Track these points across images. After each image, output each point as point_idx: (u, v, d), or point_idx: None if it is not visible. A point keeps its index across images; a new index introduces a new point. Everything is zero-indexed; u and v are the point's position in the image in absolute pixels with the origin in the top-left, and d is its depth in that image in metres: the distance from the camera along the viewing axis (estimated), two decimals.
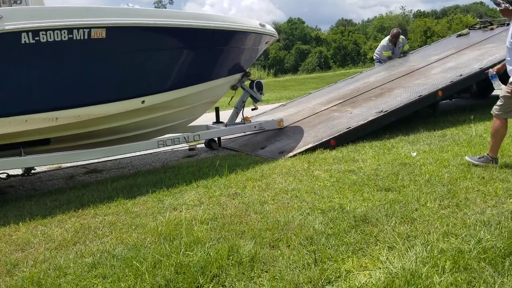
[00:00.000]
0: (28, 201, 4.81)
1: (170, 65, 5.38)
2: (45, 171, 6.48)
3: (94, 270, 3.00)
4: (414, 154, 5.22)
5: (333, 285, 2.59)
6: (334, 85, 9.55)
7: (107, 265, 3.03)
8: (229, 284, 2.68)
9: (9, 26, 4.13)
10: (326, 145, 5.88)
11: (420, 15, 51.64)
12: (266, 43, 6.85)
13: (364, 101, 7.24)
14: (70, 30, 4.38)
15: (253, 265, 2.87)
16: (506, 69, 4.51)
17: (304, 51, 50.15)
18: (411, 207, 3.60)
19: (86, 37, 4.48)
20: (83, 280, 2.86)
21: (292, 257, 2.93)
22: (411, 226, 3.26)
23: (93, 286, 2.79)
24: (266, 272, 2.80)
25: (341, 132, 6.05)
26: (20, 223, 4.08)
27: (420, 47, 12.87)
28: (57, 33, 4.32)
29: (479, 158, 4.57)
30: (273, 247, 3.13)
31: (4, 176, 5.29)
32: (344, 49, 50.27)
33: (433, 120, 7.33)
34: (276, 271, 2.78)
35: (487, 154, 4.57)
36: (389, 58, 10.24)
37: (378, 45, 11.03)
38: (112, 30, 4.63)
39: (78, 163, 6.70)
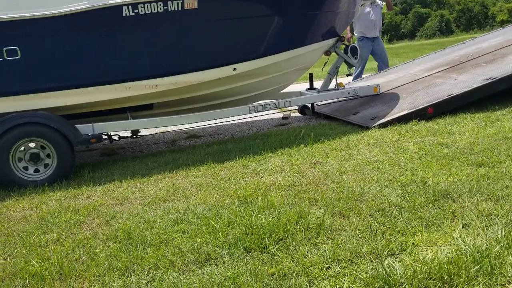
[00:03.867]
0: (132, 162, 5.34)
1: (261, 32, 5.48)
2: (152, 135, 7.09)
3: (176, 225, 3.29)
4: None
5: (396, 258, 2.55)
6: (442, 51, 8.87)
7: (188, 222, 3.31)
8: (293, 248, 2.77)
9: (112, 0, 4.54)
10: (423, 113, 5.56)
11: None
12: (361, 5, 6.60)
13: (472, 67, 6.66)
14: (165, 2, 4.69)
15: (319, 232, 2.92)
16: None
17: (423, 15, 46.79)
18: (501, 184, 3.32)
19: (179, 8, 4.76)
20: (165, 233, 3.16)
21: (360, 227, 2.93)
22: (495, 204, 3.04)
23: (173, 239, 3.07)
24: (331, 239, 2.84)
25: (441, 100, 5.64)
26: (123, 180, 4.57)
27: None
28: (153, 5, 4.66)
29: None
30: (343, 216, 3.14)
31: (116, 137, 5.92)
32: (469, 12, 45.88)
33: None
34: (341, 239, 2.81)
35: None
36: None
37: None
38: (203, 0, 4.84)
39: (181, 129, 7.22)
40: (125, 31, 4.74)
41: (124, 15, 4.62)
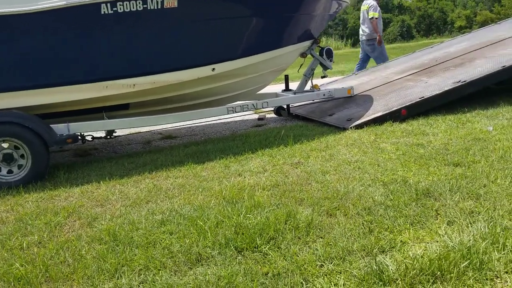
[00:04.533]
0: (108, 162, 5.23)
1: (239, 32, 5.50)
2: (125, 135, 6.97)
3: (162, 226, 3.25)
4: (491, 128, 4.94)
5: (386, 255, 2.61)
6: (411, 55, 9.15)
7: (175, 223, 3.27)
8: (285, 247, 2.79)
9: None
10: (397, 115, 5.72)
11: None
12: (337, 8, 6.72)
13: (441, 71, 6.90)
14: (144, 0, 4.62)
15: (309, 230, 2.96)
16: None
17: (385, 20, 47.76)
18: (479, 183, 3.46)
19: (159, 6, 4.71)
20: (152, 235, 3.12)
21: (348, 225, 2.98)
22: (476, 202, 3.16)
23: (161, 240, 3.04)
24: (321, 238, 2.88)
25: (414, 102, 5.83)
26: (101, 181, 4.47)
27: None
28: (132, 3, 4.58)
29: None
30: (330, 215, 3.19)
31: (89, 138, 5.78)
32: (429, 18, 47.39)
33: None
34: (331, 237, 2.85)
35: None
36: (374, 27, 9.26)
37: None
38: None
39: (155, 129, 7.13)
40: (103, 29, 4.64)
41: (102, 12, 4.52)
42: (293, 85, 7.12)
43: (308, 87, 6.77)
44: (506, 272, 2.32)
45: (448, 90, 5.92)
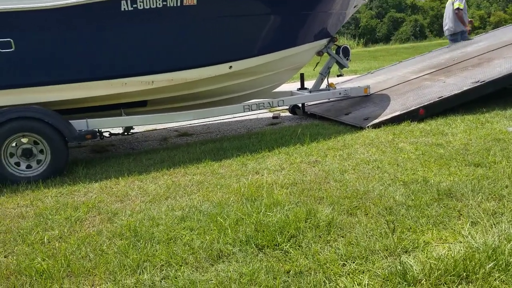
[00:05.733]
0: (126, 159, 5.26)
1: (257, 31, 5.49)
2: (141, 132, 7.00)
3: (183, 222, 3.26)
4: (510, 129, 4.88)
5: (410, 255, 2.59)
6: (427, 54, 9.07)
7: (194, 219, 3.28)
8: (306, 245, 2.79)
9: None
10: (415, 114, 5.68)
11: None
12: (354, 7, 6.68)
13: (459, 70, 6.83)
14: None
15: (329, 229, 2.95)
16: None
17: (398, 20, 47.59)
18: (501, 184, 3.42)
19: (178, 4, 4.72)
20: (173, 231, 3.13)
21: (370, 225, 2.97)
22: (498, 202, 3.13)
23: (181, 236, 3.05)
24: (343, 237, 2.86)
25: (432, 101, 5.78)
26: (120, 177, 4.50)
27: None
28: (152, 0, 4.59)
29: None
30: (350, 214, 3.18)
31: (107, 134, 5.82)
32: (442, 18, 46.98)
33: None
34: (353, 237, 2.84)
35: None
36: (459, 19, 9.26)
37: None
38: None
39: (170, 127, 7.16)
40: (122, 26, 4.67)
41: (122, 9, 4.54)
42: (309, 84, 7.10)
43: (324, 85, 6.74)
44: None
45: (467, 89, 5.86)
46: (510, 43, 7.49)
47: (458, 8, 9.35)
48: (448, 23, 9.74)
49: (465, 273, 2.32)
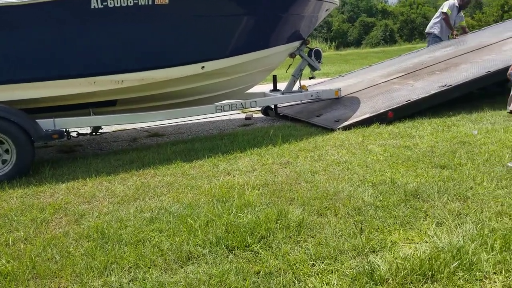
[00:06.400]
0: (94, 159, 5.16)
1: (230, 31, 5.48)
2: (110, 133, 6.88)
3: (152, 224, 3.22)
4: (475, 132, 5.03)
5: (377, 255, 2.63)
6: (396, 58, 9.26)
7: (164, 221, 3.24)
8: (276, 246, 2.79)
9: None
10: (384, 117, 5.78)
11: None
12: (326, 10, 6.75)
13: (427, 74, 6.99)
14: None
15: (300, 230, 2.97)
16: None
17: (368, 24, 48.37)
18: (466, 185, 3.52)
19: (150, 2, 4.66)
20: (141, 233, 3.09)
21: (339, 225, 3.00)
22: (463, 204, 3.21)
23: (150, 238, 3.01)
24: (312, 237, 2.89)
25: (401, 104, 5.91)
26: (87, 178, 4.40)
27: (496, 22, 12.13)
28: None
29: None
30: (320, 215, 3.20)
31: (75, 134, 5.69)
32: (412, 23, 47.97)
33: (501, 99, 6.95)
34: (322, 237, 2.86)
35: None
36: (446, 23, 9.60)
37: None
38: None
39: (140, 127, 7.06)
40: (92, 24, 4.57)
41: (92, 7, 4.45)
42: (281, 85, 7.13)
43: (296, 87, 6.79)
44: (495, 273, 2.36)
45: (434, 93, 6.01)
46: (476, 49, 7.72)
47: (443, 12, 9.63)
48: (431, 25, 10.02)
49: (430, 273, 2.37)
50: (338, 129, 5.65)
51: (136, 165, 4.76)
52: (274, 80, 7.09)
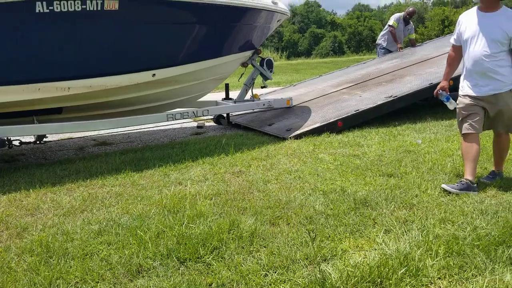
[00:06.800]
0: (38, 169, 4.93)
1: (181, 39, 5.44)
2: (55, 141, 6.61)
3: (100, 236, 3.11)
4: (419, 141, 5.25)
5: (328, 263, 2.67)
6: (345, 69, 9.54)
7: (112, 233, 3.14)
8: (228, 257, 2.77)
9: None
10: (333, 126, 5.93)
11: (439, 3, 50.63)
12: (278, 21, 6.86)
13: (374, 85, 7.25)
14: (83, 0, 4.43)
15: (252, 240, 2.96)
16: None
17: (318, 35, 49.61)
18: (412, 193, 3.66)
19: (99, 8, 4.53)
20: (89, 246, 2.98)
21: (291, 234, 3.02)
22: (409, 211, 3.33)
23: (98, 251, 2.90)
24: (265, 247, 2.89)
25: (349, 114, 6.09)
26: (31, 189, 4.20)
27: (437, 36, 12.75)
28: (70, 3, 4.38)
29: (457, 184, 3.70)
30: (273, 224, 3.22)
31: (17, 143, 5.42)
32: (359, 35, 49.59)
33: (442, 109, 7.28)
34: (275, 247, 2.87)
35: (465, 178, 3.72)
36: (392, 35, 10.03)
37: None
38: (125, 2, 4.67)
39: (88, 135, 6.84)
40: (37, 28, 4.38)
41: (37, 11, 4.27)
42: (233, 94, 7.14)
43: (248, 96, 6.82)
44: (439, 278, 2.46)
45: (381, 104, 6.23)
46: (420, 62, 8.09)
47: (389, 25, 10.02)
48: (380, 37, 10.41)
49: (379, 279, 2.43)
50: (290, 138, 5.73)
51: (83, 175, 4.60)
52: (227, 88, 7.10)
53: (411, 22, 10.38)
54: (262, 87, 7.12)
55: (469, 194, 3.57)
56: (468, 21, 3.79)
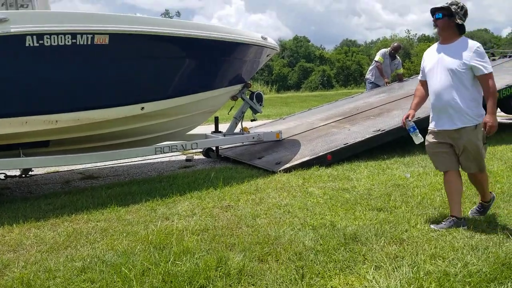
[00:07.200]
0: (23, 204, 4.83)
1: (171, 73, 5.46)
2: (41, 175, 6.52)
3: (83, 274, 3.02)
4: (408, 175, 5.26)
5: None
6: (334, 103, 9.64)
7: (96, 270, 3.05)
8: None
9: (15, 29, 4.22)
10: (323, 159, 5.93)
11: (424, 39, 51.98)
12: (267, 55, 6.94)
13: (362, 119, 7.31)
14: (73, 35, 4.46)
15: (240, 277, 2.89)
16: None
17: (307, 69, 50.44)
18: (401, 228, 3.62)
19: (89, 42, 4.56)
20: (71, 284, 2.88)
21: (280, 271, 2.95)
22: (399, 246, 3.29)
23: None
24: (253, 285, 2.82)
25: (338, 148, 6.11)
26: (14, 224, 4.10)
27: None
28: (61, 38, 4.40)
29: (444, 223, 3.67)
30: (262, 260, 3.15)
31: (2, 176, 5.32)
32: (347, 69, 50.53)
33: None
34: (263, 284, 2.80)
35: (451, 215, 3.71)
36: (379, 70, 10.23)
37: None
38: (115, 36, 4.71)
39: (75, 169, 6.75)
40: (26, 62, 4.38)
41: (27, 45, 4.28)
42: (223, 127, 7.15)
43: (237, 129, 6.83)
44: None
45: (369, 137, 6.27)
46: (406, 96, 8.19)
47: (375, 61, 10.26)
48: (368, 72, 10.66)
49: None
50: (279, 171, 5.71)
51: (68, 210, 4.50)
52: (216, 121, 7.10)
53: (398, 57, 10.60)
54: (251, 120, 7.14)
55: (459, 229, 3.55)
56: (429, 55, 3.80)
